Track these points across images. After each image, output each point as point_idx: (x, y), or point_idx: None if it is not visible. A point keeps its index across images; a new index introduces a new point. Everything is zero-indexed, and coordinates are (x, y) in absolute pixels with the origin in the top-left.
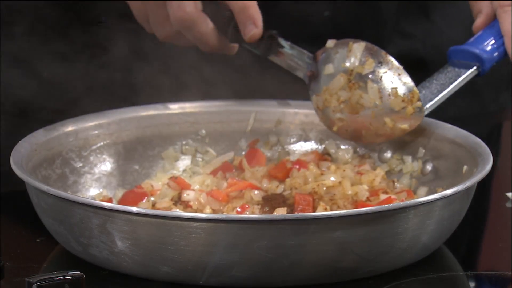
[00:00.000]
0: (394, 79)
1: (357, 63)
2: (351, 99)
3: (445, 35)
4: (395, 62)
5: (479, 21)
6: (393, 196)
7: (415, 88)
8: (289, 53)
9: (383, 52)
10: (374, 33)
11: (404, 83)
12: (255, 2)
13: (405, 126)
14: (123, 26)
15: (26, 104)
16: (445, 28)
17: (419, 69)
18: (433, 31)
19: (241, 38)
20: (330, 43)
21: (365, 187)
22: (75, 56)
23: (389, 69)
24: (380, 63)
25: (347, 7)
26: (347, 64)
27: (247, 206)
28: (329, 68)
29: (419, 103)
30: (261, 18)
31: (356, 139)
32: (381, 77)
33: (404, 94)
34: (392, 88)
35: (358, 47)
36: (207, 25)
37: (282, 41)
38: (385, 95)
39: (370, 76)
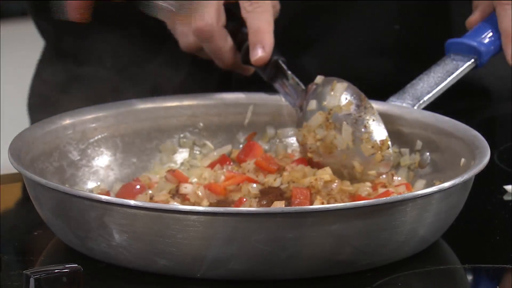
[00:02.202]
0: (368, 124)
1: (336, 103)
2: (326, 138)
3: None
4: (373, 108)
5: (473, 17)
6: (391, 190)
7: (387, 137)
8: (289, 83)
9: (362, 96)
10: (441, 47)
11: (378, 130)
12: (271, 26)
13: (372, 172)
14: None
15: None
16: None
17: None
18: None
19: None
20: (318, 79)
21: (368, 184)
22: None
23: (365, 113)
24: (358, 106)
25: (417, 20)
26: (327, 103)
27: (244, 200)
28: (312, 104)
29: (388, 152)
30: (272, 44)
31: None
32: (356, 120)
33: (375, 140)
34: (364, 133)
35: (340, 87)
36: (225, 41)
37: (286, 71)
38: (357, 139)
39: (346, 118)
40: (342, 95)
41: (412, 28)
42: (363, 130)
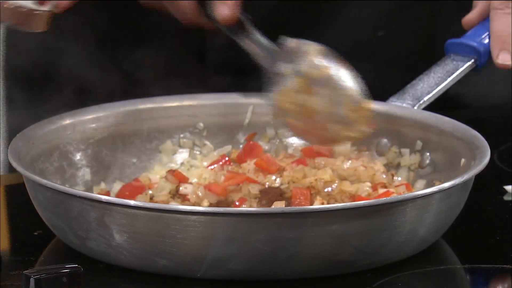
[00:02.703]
0: (348, 87)
1: (313, 67)
2: (305, 103)
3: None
4: (351, 71)
5: (470, 15)
6: (391, 190)
7: (366, 98)
8: (258, 41)
9: (340, 59)
10: (429, 54)
11: (357, 92)
12: None
13: (356, 134)
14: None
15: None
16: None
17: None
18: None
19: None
20: (291, 42)
21: (368, 184)
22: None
23: (344, 76)
24: (337, 69)
25: (403, 27)
26: (304, 68)
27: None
28: (287, 69)
29: (369, 110)
30: (239, 1)
31: (306, 139)
32: (335, 84)
33: (355, 102)
34: (344, 96)
35: (315, 51)
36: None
37: (253, 29)
38: (337, 102)
39: (325, 82)
40: (318, 59)
41: (395, 35)
42: (342, 92)
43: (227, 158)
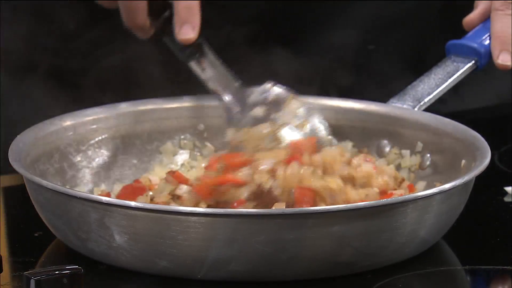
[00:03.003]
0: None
1: (291, 120)
2: (272, 148)
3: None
4: (326, 130)
5: (471, 16)
6: (392, 191)
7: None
8: (215, 66)
9: (318, 116)
10: (416, 69)
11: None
12: (199, 5)
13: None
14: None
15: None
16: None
17: None
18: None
19: (168, 32)
20: (268, 85)
21: (376, 190)
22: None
23: (320, 136)
24: (313, 128)
25: (393, 41)
26: (281, 117)
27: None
28: (258, 111)
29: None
30: (199, 24)
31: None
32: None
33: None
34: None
35: (296, 105)
36: (144, 10)
37: (209, 53)
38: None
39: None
40: (295, 112)
41: (385, 49)
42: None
43: None
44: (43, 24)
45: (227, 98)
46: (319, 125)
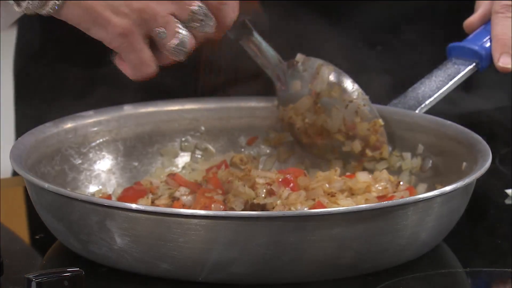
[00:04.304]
0: (361, 109)
1: (324, 87)
2: (316, 122)
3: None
4: (361, 91)
5: (470, 19)
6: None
7: (379, 120)
8: (261, 46)
9: (350, 80)
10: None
11: (370, 113)
12: None
13: (369, 153)
14: None
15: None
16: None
17: None
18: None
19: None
20: (300, 57)
21: (375, 194)
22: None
23: (357, 98)
24: (347, 91)
25: (402, 42)
26: (314, 87)
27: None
28: (296, 85)
29: (382, 132)
30: (238, 4)
31: (316, 155)
32: (347, 105)
33: (369, 123)
34: (356, 117)
35: (327, 71)
36: None
37: (254, 32)
38: (349, 122)
39: (336, 102)
40: (329, 79)
41: (394, 51)
42: (355, 114)
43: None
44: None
45: (273, 76)
46: (352, 87)
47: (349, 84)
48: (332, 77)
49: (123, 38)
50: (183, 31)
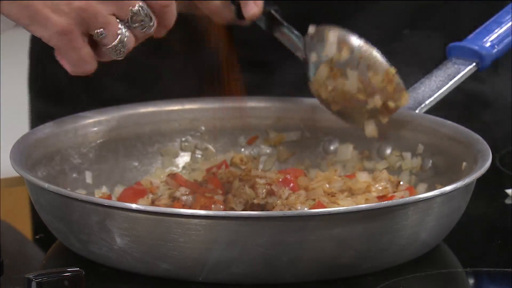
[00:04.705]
0: (372, 62)
1: (334, 51)
2: (337, 87)
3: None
4: (369, 45)
5: None
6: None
7: (390, 68)
8: (286, 32)
9: (356, 37)
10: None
11: (381, 64)
12: None
13: (392, 104)
14: None
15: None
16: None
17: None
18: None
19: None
20: (311, 29)
21: (375, 194)
22: None
23: (365, 52)
24: (355, 48)
25: (427, 24)
26: (327, 53)
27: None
28: (313, 57)
29: (397, 80)
30: None
31: (353, 122)
32: (359, 63)
33: (382, 75)
34: (370, 71)
35: (333, 35)
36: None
37: (280, 20)
38: (365, 79)
39: (349, 62)
40: (336, 42)
41: (420, 34)
42: (367, 70)
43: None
44: None
45: (303, 58)
46: (358, 43)
47: (355, 41)
48: (338, 39)
49: (62, 36)
50: (124, 31)
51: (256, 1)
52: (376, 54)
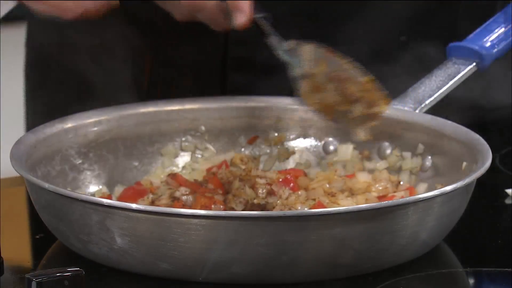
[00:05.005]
0: (346, 75)
1: (312, 66)
2: (321, 100)
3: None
4: (344, 58)
5: None
6: (394, 194)
7: (366, 77)
8: (274, 45)
9: (330, 51)
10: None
11: (356, 76)
12: None
13: (375, 110)
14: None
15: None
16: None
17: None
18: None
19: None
20: (290, 44)
21: (375, 194)
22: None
23: (340, 65)
24: (331, 63)
25: (425, 32)
26: (306, 68)
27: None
28: (296, 71)
29: (375, 87)
30: (248, 6)
31: (347, 128)
32: (336, 75)
33: (359, 85)
34: (347, 83)
35: (309, 50)
36: (215, 8)
37: (268, 30)
38: (344, 91)
39: (325, 76)
40: (313, 58)
41: (418, 41)
42: (345, 81)
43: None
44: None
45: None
46: (334, 57)
47: (330, 56)
48: (315, 55)
49: None
50: None
51: (246, 10)
52: (351, 66)
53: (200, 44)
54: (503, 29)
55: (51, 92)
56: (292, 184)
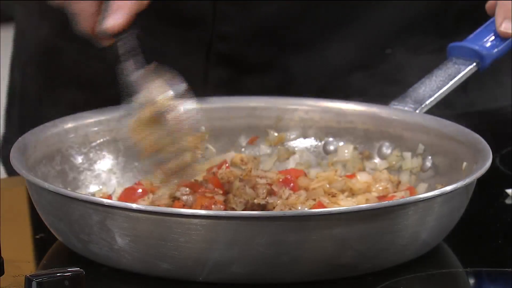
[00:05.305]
0: (182, 125)
1: (152, 101)
2: (146, 138)
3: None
4: (188, 101)
5: (491, 2)
6: (394, 194)
7: (201, 132)
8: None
9: (183, 94)
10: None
11: (190, 128)
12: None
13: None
14: None
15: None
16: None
17: None
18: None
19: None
20: (139, 72)
21: (375, 194)
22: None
23: (175, 109)
24: (171, 103)
25: (411, 44)
26: (144, 101)
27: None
28: (134, 102)
29: (199, 141)
30: (128, 14)
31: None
32: (168, 120)
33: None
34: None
35: (156, 84)
36: (89, 4)
37: (126, 54)
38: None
39: (157, 118)
40: (156, 92)
41: (403, 54)
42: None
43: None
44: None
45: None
46: (172, 102)
47: (173, 104)
48: (160, 91)
49: None
50: None
51: (120, 16)
52: (189, 116)
53: (184, 39)
54: None
55: (37, 93)
56: (292, 184)
